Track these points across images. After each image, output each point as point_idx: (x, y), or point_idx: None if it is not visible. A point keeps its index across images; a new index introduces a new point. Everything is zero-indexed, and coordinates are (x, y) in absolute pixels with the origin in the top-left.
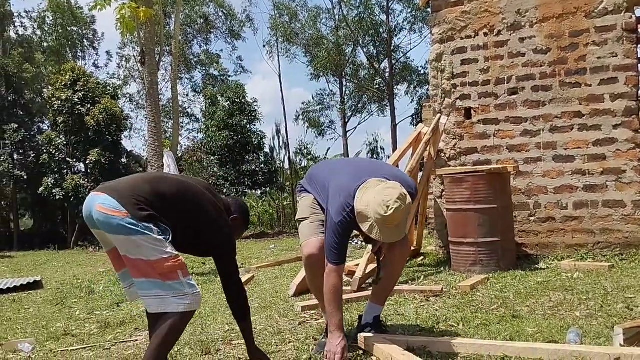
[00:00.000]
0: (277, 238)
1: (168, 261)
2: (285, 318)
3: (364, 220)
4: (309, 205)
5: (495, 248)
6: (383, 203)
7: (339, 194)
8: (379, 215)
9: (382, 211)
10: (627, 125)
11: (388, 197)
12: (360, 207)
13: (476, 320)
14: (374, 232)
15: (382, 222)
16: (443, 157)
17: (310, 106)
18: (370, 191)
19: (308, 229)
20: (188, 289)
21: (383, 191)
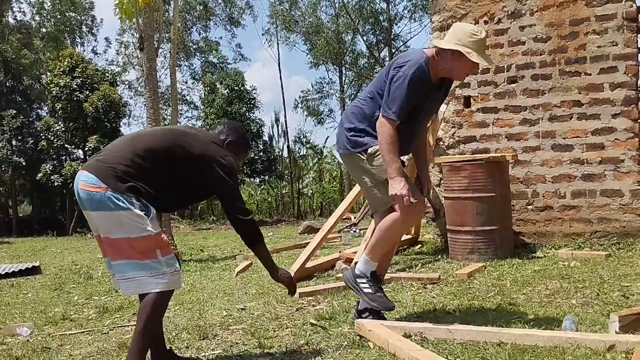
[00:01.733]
0: (275, 226)
1: (148, 239)
2: (283, 304)
3: (466, 55)
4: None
5: (493, 236)
6: (470, 31)
7: (408, 56)
8: (475, 42)
9: (477, 36)
10: (626, 114)
11: (469, 26)
12: (456, 47)
13: (473, 308)
14: (481, 59)
15: (480, 46)
16: (442, 146)
17: (310, 94)
18: (446, 40)
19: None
20: (166, 268)
21: (460, 26)
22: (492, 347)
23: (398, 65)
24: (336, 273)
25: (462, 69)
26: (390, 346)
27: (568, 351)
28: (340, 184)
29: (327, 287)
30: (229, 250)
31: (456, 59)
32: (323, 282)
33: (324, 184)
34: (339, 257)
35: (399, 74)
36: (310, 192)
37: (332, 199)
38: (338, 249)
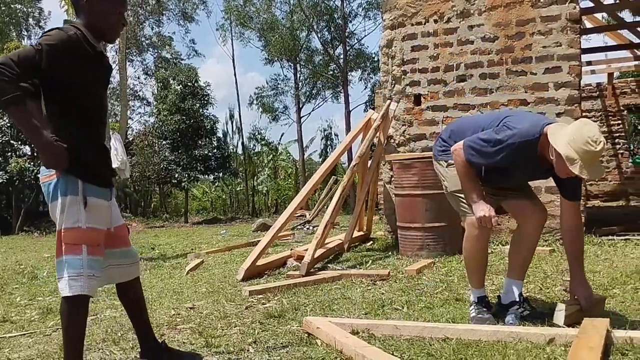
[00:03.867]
0: (229, 224)
1: (76, 232)
2: (232, 302)
3: (571, 162)
4: None
5: (442, 233)
6: (590, 139)
7: (523, 122)
8: (587, 152)
9: (591, 147)
10: (569, 113)
11: (591, 132)
12: (564, 150)
13: (420, 303)
14: (583, 172)
15: (591, 158)
16: (392, 143)
17: (265, 91)
18: (562, 133)
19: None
20: (86, 270)
21: (582, 129)
22: (438, 342)
23: (510, 124)
24: (287, 271)
25: (561, 169)
26: (338, 343)
27: (510, 345)
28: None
29: (278, 285)
30: (180, 248)
31: (559, 157)
32: (274, 280)
33: (279, 181)
34: (291, 255)
35: (500, 132)
36: (265, 190)
37: (287, 196)
38: (290, 247)
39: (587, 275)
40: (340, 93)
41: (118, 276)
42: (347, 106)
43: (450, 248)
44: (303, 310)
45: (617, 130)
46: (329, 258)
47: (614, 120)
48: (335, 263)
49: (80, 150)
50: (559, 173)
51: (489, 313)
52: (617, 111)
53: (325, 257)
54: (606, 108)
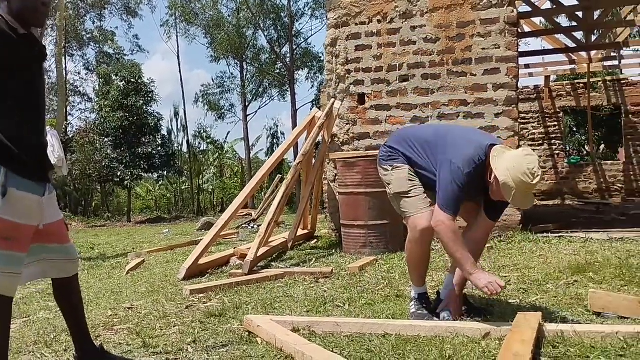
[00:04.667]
0: (173, 223)
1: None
2: (173, 302)
3: (507, 190)
4: (407, 178)
5: (385, 231)
6: (529, 171)
7: (468, 146)
8: (523, 183)
9: (528, 179)
10: (507, 114)
11: (531, 164)
12: (502, 177)
13: (362, 300)
14: (515, 201)
15: (526, 190)
16: (337, 142)
17: (210, 89)
18: (504, 158)
19: (416, 202)
20: (1, 265)
21: (523, 158)
22: (378, 338)
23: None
24: (230, 269)
25: (496, 193)
26: (278, 341)
27: (447, 340)
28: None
29: (219, 283)
30: (121, 247)
31: (497, 182)
32: (216, 279)
33: (225, 180)
34: (234, 253)
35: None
36: (211, 188)
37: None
38: (234, 246)
39: (522, 271)
40: (287, 92)
41: (52, 271)
42: (294, 105)
43: (392, 245)
44: (244, 308)
45: (554, 132)
46: (273, 256)
47: (550, 122)
48: (278, 261)
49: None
50: (493, 195)
51: (427, 310)
52: (554, 113)
53: (269, 256)
54: (543, 110)
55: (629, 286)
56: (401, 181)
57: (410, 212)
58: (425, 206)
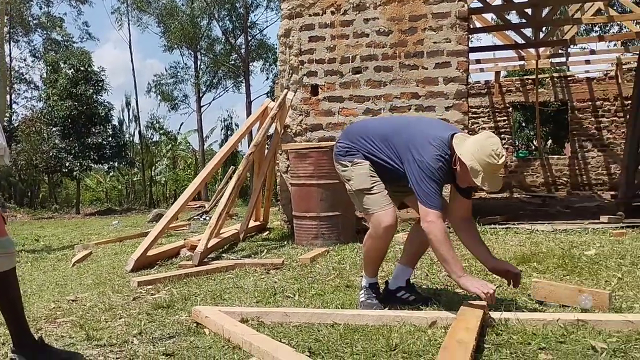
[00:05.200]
0: (124, 215)
1: None
2: (119, 294)
3: (475, 174)
4: (367, 174)
5: (336, 222)
6: (493, 152)
7: (431, 143)
8: (489, 165)
9: (494, 160)
10: (457, 107)
11: (494, 145)
12: (469, 161)
13: (312, 291)
14: (485, 184)
15: (492, 171)
16: (289, 133)
17: (164, 79)
18: (467, 143)
19: (379, 198)
20: None
21: (485, 141)
22: (326, 328)
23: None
24: (179, 261)
25: (464, 179)
26: (225, 332)
27: (395, 329)
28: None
29: (168, 275)
30: (67, 239)
31: (465, 169)
32: (166, 270)
33: (178, 172)
34: (184, 245)
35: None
36: (164, 180)
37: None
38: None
39: (469, 261)
40: (242, 83)
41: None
42: (249, 96)
43: (344, 237)
44: (193, 300)
45: (503, 126)
46: (224, 248)
47: (500, 117)
48: (230, 253)
49: None
50: (460, 182)
51: (377, 299)
52: (503, 108)
53: (220, 247)
54: (493, 105)
55: (571, 275)
56: (362, 177)
57: (374, 208)
58: (387, 202)
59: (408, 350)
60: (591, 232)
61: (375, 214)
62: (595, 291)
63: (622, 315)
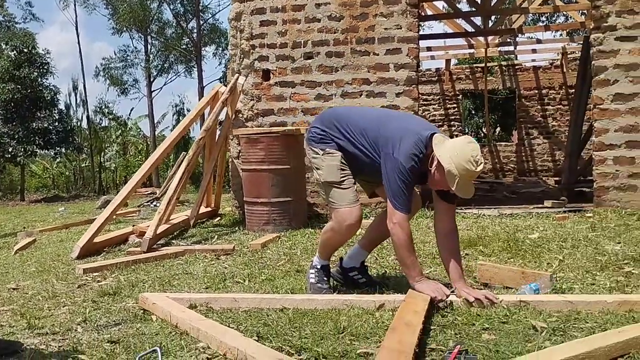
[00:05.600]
0: (72, 202)
1: None
2: (64, 281)
3: (451, 178)
4: (338, 166)
5: (288, 208)
6: (472, 158)
7: (408, 139)
8: (467, 171)
9: (472, 167)
10: (407, 93)
11: (474, 152)
12: (447, 165)
13: (262, 276)
14: (459, 189)
15: (468, 177)
16: (241, 118)
17: (112, 62)
18: (447, 146)
19: (347, 194)
20: None
21: (466, 146)
22: (275, 312)
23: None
24: (127, 247)
25: (438, 183)
26: (173, 318)
27: (343, 312)
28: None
29: (115, 262)
30: (10, 227)
31: (441, 172)
32: (113, 257)
33: (129, 158)
34: (132, 231)
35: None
36: (114, 166)
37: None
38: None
39: (418, 245)
40: (194, 68)
41: None
42: (201, 82)
43: (295, 222)
44: (141, 287)
45: (453, 114)
46: (174, 234)
47: (450, 104)
48: (180, 239)
49: None
50: (432, 185)
51: (327, 283)
52: (453, 95)
53: (170, 233)
54: (444, 92)
55: (515, 258)
56: (333, 169)
57: (339, 204)
58: (354, 200)
59: (356, 333)
60: (535, 216)
61: (340, 209)
62: (538, 273)
63: (562, 296)
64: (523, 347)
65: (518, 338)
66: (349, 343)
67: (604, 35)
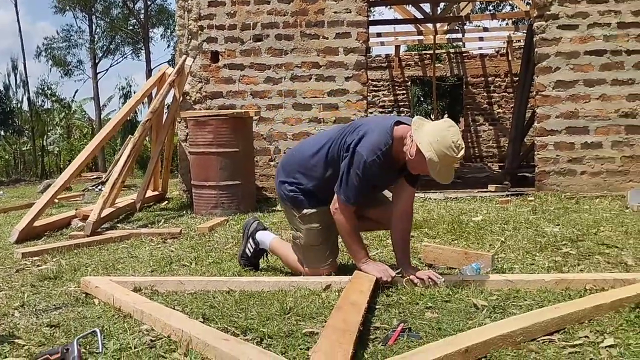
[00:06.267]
0: (12, 186)
1: None
2: (1, 266)
3: (432, 165)
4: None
5: (236, 191)
6: (453, 144)
7: (372, 133)
8: (447, 157)
9: (453, 153)
10: (357, 78)
11: (455, 137)
12: (427, 152)
13: (209, 259)
14: (440, 176)
15: (449, 163)
16: (188, 100)
17: (55, 42)
18: (426, 131)
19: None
20: None
21: (446, 131)
22: (221, 294)
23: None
24: (70, 231)
25: (419, 168)
26: (116, 301)
27: (289, 293)
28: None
29: (56, 245)
30: None
31: (421, 158)
32: (55, 241)
33: (73, 141)
34: (75, 215)
35: (356, 158)
36: (57, 150)
37: None
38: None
39: None
40: (141, 50)
41: None
42: (149, 64)
43: (244, 206)
44: (83, 270)
45: (402, 100)
46: (119, 218)
47: (399, 90)
48: (125, 223)
49: None
50: (413, 170)
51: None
52: (403, 82)
53: (115, 217)
54: (393, 78)
55: (459, 240)
56: (312, 236)
57: (313, 264)
58: (328, 261)
59: (302, 313)
60: (479, 200)
61: (311, 267)
62: (480, 254)
63: (502, 276)
64: (464, 324)
65: (460, 316)
66: (295, 323)
67: (546, 24)
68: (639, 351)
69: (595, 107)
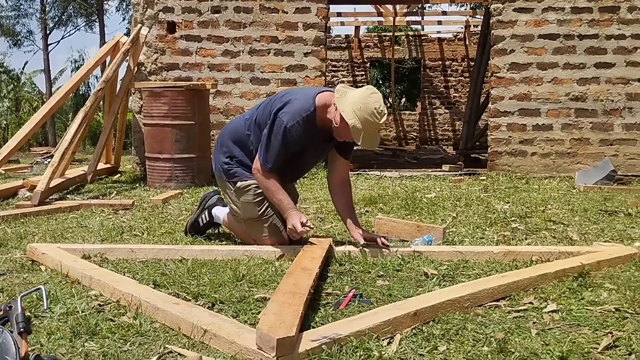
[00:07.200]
0: None
1: None
2: None
3: (356, 131)
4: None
5: (191, 164)
6: (375, 110)
7: (296, 100)
8: (371, 124)
9: (376, 119)
10: (315, 54)
11: (377, 103)
12: (350, 120)
13: (162, 229)
14: (364, 142)
15: (374, 129)
16: (143, 71)
17: (4, 11)
18: (349, 98)
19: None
20: None
21: (368, 98)
22: (174, 263)
23: (280, 108)
24: (17, 201)
25: (345, 136)
26: (64, 267)
27: (243, 262)
28: None
29: (2, 214)
30: None
31: (345, 125)
32: (1, 210)
33: (22, 115)
34: (23, 185)
35: (277, 123)
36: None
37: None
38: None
39: (321, 203)
40: (95, 22)
41: None
42: (103, 37)
43: (199, 180)
44: (30, 238)
45: (361, 81)
46: (69, 189)
47: (358, 72)
48: (75, 194)
49: None
50: (339, 137)
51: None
52: (362, 63)
53: (65, 188)
54: (352, 59)
55: (412, 215)
56: (249, 207)
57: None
58: (274, 232)
59: (254, 280)
60: (433, 178)
61: (259, 238)
62: (432, 226)
63: (452, 247)
64: (415, 291)
65: (410, 283)
66: (247, 289)
67: (503, 6)
68: (580, 316)
69: (547, 90)
